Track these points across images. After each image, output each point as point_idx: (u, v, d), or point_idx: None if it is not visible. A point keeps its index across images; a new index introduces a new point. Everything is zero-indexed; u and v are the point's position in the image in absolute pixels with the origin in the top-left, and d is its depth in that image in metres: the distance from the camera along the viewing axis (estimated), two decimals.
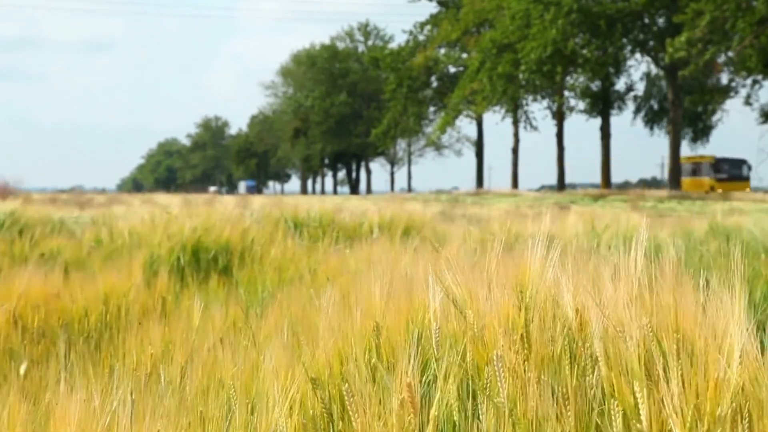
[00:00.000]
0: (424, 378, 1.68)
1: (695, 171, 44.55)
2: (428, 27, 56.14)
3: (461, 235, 6.36)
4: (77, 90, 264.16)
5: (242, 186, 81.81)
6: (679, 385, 1.48)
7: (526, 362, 1.66)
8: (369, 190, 71.81)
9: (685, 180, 43.27)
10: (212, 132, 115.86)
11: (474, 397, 1.69)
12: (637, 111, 50.11)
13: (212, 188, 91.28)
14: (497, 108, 49.13)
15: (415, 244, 4.52)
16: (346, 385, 1.61)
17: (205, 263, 6.04)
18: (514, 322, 1.68)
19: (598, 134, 46.04)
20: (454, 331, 1.75)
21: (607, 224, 7.24)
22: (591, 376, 1.65)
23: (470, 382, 1.70)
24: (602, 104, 45.87)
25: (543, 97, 48.48)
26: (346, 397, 1.58)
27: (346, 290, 2.41)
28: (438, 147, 68.27)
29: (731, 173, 43.63)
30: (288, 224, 7.97)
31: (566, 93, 46.94)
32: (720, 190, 37.77)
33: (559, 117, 47.45)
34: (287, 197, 30.45)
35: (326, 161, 78.13)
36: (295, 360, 1.80)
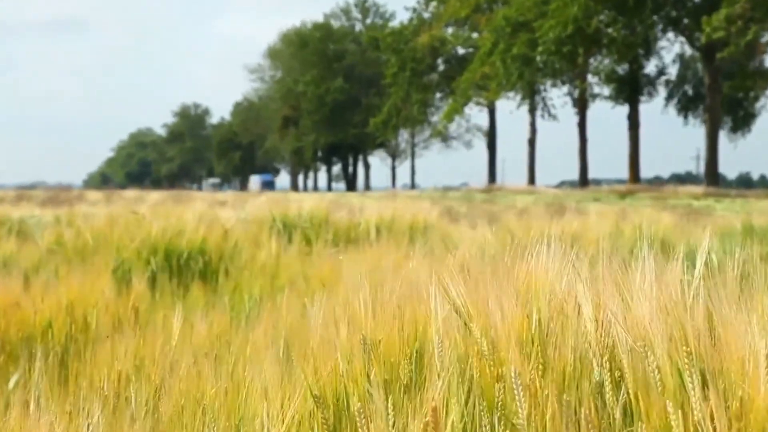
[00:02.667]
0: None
1: None
2: (434, 3, 56.18)
3: (471, 237, 6.37)
4: (39, 75, 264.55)
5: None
6: (717, 407, 1.48)
7: (542, 378, 1.67)
8: (367, 187, 71.83)
9: None
10: (191, 121, 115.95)
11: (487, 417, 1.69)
12: (669, 97, 50.13)
13: (210, 181, 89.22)
14: (511, 94, 49.20)
15: (421, 248, 4.52)
16: (358, 404, 1.61)
17: (182, 269, 6.05)
18: (528, 335, 1.68)
19: (625, 124, 46.08)
20: (460, 345, 1.75)
21: (635, 225, 7.25)
22: (615, 396, 1.66)
23: (477, 401, 1.70)
24: (630, 90, 45.88)
25: (563, 82, 48.53)
26: (357, 419, 1.58)
27: (343, 301, 2.42)
28: (445, 138, 68.30)
29: None
30: (277, 225, 7.98)
31: (589, 77, 46.98)
32: None
33: (581, 104, 47.47)
34: (276, 194, 30.47)
35: (319, 154, 78.18)
36: (287, 377, 1.80)
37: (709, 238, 1.86)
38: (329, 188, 77.43)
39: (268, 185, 72.29)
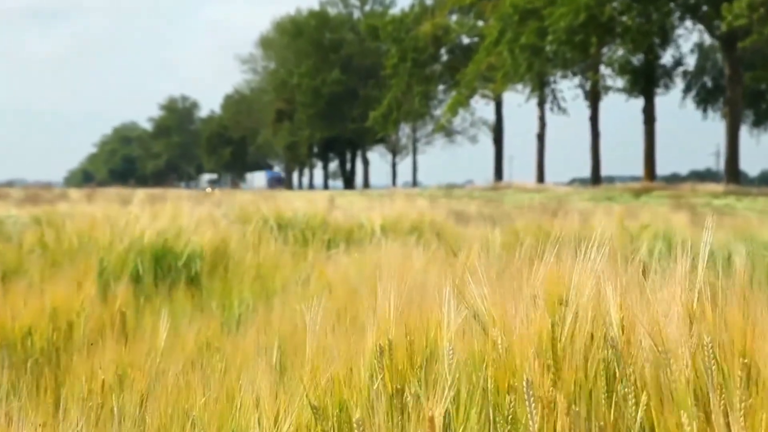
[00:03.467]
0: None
1: None
2: None
3: (479, 238, 6.36)
4: (16, 66, 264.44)
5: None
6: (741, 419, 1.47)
7: (554, 387, 1.66)
8: (366, 184, 71.87)
9: None
10: (178, 115, 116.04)
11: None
12: (687, 90, 50.17)
13: (207, 177, 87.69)
14: (519, 86, 49.21)
15: (428, 249, 4.51)
16: (357, 415, 1.60)
17: (170, 272, 6.05)
18: (545, 342, 1.67)
19: (640, 117, 46.09)
20: (473, 352, 1.75)
21: (648, 225, 7.25)
22: (634, 407, 1.65)
23: (491, 410, 1.70)
24: (645, 82, 45.89)
25: (574, 74, 48.54)
26: (356, 430, 1.57)
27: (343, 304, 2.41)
28: (448, 133, 68.30)
29: None
30: (270, 225, 7.98)
31: (602, 68, 46.98)
32: None
33: (594, 97, 47.49)
34: (269, 192, 30.47)
35: (315, 150, 78.20)
36: (282, 387, 1.79)
37: (732, 238, 1.85)
38: (326, 186, 77.45)
39: (276, 182, 71.45)
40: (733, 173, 41.04)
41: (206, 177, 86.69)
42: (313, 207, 8.98)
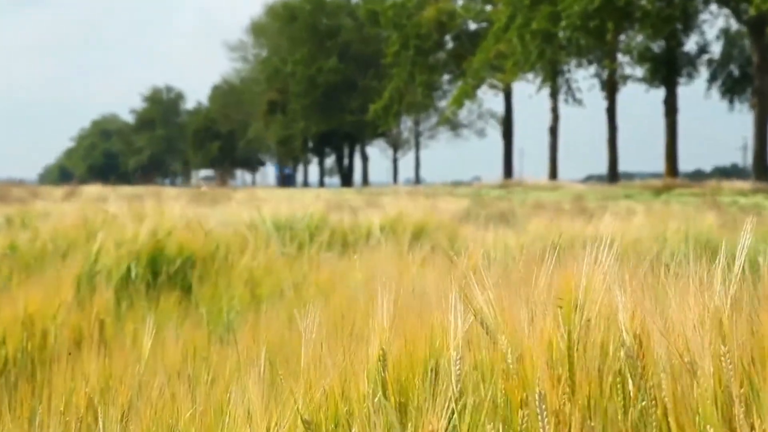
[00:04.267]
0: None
1: None
2: None
3: (489, 240, 6.38)
4: None
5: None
6: None
7: (570, 402, 1.67)
8: (365, 182, 71.96)
9: None
10: (163, 106, 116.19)
11: None
12: (712, 79, 50.18)
13: (203, 174, 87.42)
14: (530, 76, 49.25)
15: (430, 252, 4.51)
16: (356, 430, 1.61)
17: (153, 276, 6.07)
18: (558, 353, 1.68)
19: (660, 109, 46.12)
20: (480, 363, 1.76)
21: (677, 227, 7.24)
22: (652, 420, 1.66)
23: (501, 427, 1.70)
24: (667, 70, 45.94)
25: (590, 62, 48.58)
26: None
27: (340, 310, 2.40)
28: (454, 126, 68.40)
29: None
30: (266, 226, 8.01)
31: (620, 56, 47.04)
32: None
33: (611, 87, 47.54)
34: (261, 190, 30.49)
35: (310, 144, 78.28)
36: (273, 399, 1.80)
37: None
38: (321, 183, 77.55)
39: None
40: (761, 169, 41.04)
41: (202, 174, 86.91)
42: (315, 207, 8.99)
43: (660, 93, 46.55)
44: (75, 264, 5.57)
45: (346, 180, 76.11)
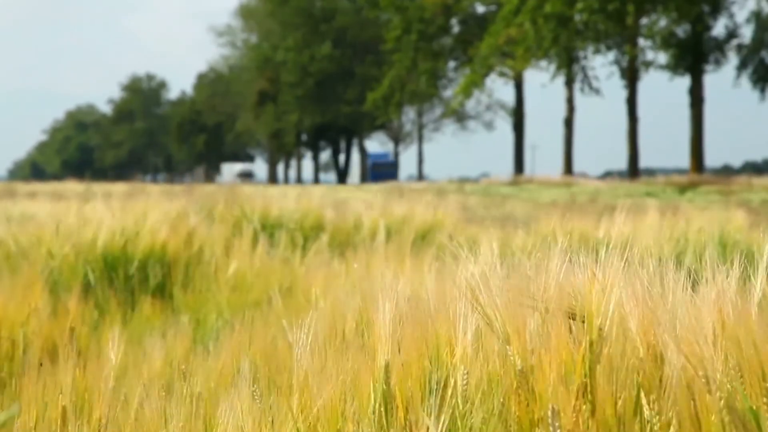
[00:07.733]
0: None
1: None
2: None
3: (497, 242, 6.39)
4: None
5: (227, 170, 76.96)
6: None
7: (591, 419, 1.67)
8: (363, 178, 71.94)
9: None
10: (143, 96, 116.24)
11: None
12: (741, 66, 50.17)
13: (238, 168, 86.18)
14: (544, 63, 49.24)
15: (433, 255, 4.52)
16: None
17: (131, 281, 6.08)
18: (573, 367, 1.68)
19: (685, 99, 46.13)
20: (488, 377, 1.76)
21: (700, 228, 7.24)
22: None
23: None
24: (692, 57, 45.94)
25: (608, 48, 48.56)
26: None
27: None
28: (460, 118, 68.42)
29: None
30: (253, 226, 8.01)
31: (641, 42, 47.02)
32: None
33: (631, 75, 47.53)
34: (249, 187, 30.46)
35: (304, 138, 78.30)
36: (266, 415, 1.81)
37: None
38: (316, 179, 77.58)
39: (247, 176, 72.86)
40: None
41: (237, 168, 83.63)
42: (308, 204, 9.00)
43: (685, 81, 46.67)
44: (45, 268, 5.59)
45: (342, 176, 76.14)
